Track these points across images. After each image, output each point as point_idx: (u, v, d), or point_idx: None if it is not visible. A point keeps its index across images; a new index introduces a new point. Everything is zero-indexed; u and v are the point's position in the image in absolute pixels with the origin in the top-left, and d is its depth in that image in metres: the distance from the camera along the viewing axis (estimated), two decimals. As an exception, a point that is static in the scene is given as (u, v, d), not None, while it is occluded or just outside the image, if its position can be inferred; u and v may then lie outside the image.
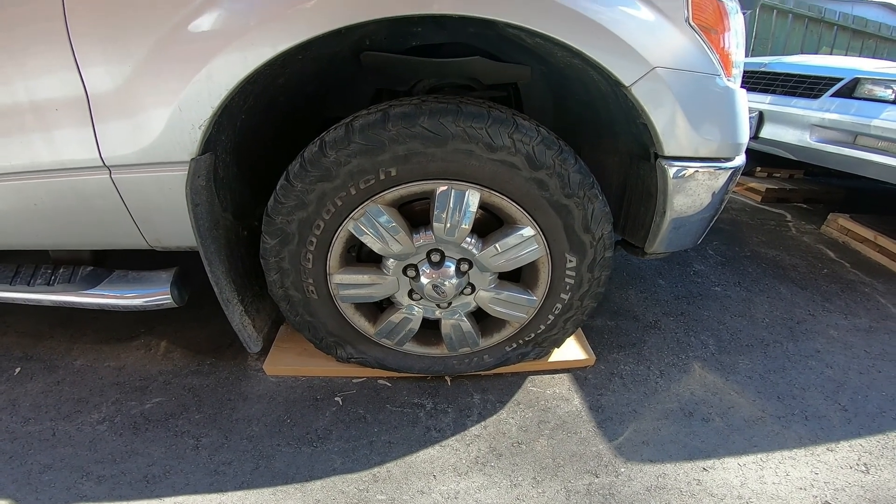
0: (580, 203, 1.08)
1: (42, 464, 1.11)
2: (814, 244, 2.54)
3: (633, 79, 0.99)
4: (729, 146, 1.13)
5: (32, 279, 1.29)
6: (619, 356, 1.53)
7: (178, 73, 0.93)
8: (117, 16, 0.93)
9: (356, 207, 1.05)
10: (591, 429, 1.25)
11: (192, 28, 0.91)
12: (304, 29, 0.90)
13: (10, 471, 1.09)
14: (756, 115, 2.89)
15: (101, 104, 0.97)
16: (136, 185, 1.05)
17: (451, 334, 1.26)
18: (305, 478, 1.09)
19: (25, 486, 1.06)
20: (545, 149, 1.02)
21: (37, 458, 1.12)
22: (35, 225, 1.16)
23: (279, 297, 1.20)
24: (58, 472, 1.09)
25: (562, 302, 1.22)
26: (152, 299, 1.23)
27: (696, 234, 1.26)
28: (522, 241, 1.11)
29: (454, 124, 0.98)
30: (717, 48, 1.04)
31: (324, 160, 1.00)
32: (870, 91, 2.44)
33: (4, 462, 1.11)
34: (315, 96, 1.39)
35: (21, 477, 1.08)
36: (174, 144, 0.98)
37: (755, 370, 1.51)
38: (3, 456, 1.13)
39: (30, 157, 1.04)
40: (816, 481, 1.14)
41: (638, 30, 0.97)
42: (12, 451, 1.14)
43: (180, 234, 1.11)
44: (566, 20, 0.93)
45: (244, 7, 0.90)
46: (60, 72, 0.96)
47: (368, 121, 0.99)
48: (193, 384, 1.36)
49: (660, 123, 1.04)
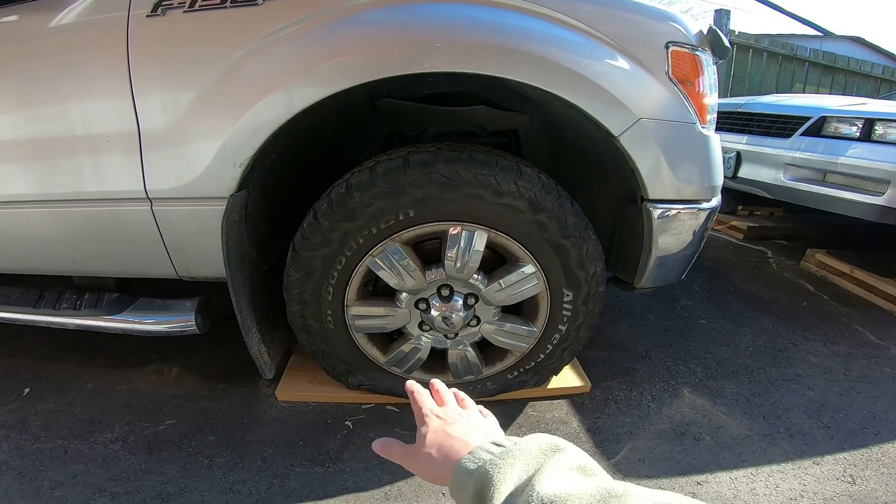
0: (576, 243, 1.17)
1: (53, 480, 1.12)
2: (793, 278, 2.65)
3: (622, 129, 1.09)
4: (707, 188, 1.24)
5: (58, 303, 1.34)
6: (613, 383, 1.61)
7: (227, 114, 1.02)
8: (176, 54, 1.02)
9: (376, 245, 1.13)
10: (589, 448, 1.32)
11: (244, 71, 1.01)
12: (341, 79, 1.00)
13: (20, 486, 1.10)
14: (734, 156, 2.98)
15: (151, 139, 1.06)
16: (175, 218, 1.13)
17: (458, 363, 1.33)
18: (319, 496, 1.12)
19: (36, 501, 1.06)
20: (545, 194, 1.12)
21: (48, 475, 1.13)
22: (71, 251, 1.22)
23: (298, 326, 1.27)
24: (70, 489, 1.10)
25: (560, 333, 1.30)
26: (176, 326, 1.30)
27: (679, 270, 1.36)
28: (524, 277, 1.20)
29: (467, 171, 1.08)
30: (693, 98, 1.14)
31: (349, 201, 1.09)
32: (836, 129, 2.50)
33: (14, 478, 1.12)
34: (332, 138, 1.49)
35: (31, 493, 1.08)
36: (216, 181, 1.07)
37: (741, 393, 1.59)
38: (12, 472, 1.14)
39: (76, 185, 1.11)
40: (805, 492, 1.20)
41: (625, 84, 1.08)
42: (22, 468, 1.15)
43: (209, 265, 1.19)
44: (563, 77, 1.04)
45: (291, 55, 1.01)
46: (117, 105, 1.04)
47: (391, 166, 1.09)
48: (206, 408, 1.40)
49: (645, 169, 1.14)
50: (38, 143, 1.11)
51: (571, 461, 0.40)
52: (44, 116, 1.10)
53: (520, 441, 0.43)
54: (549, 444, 0.41)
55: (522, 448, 0.41)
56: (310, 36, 1.02)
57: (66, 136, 1.08)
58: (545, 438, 0.42)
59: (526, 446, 0.41)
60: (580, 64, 1.05)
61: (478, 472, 0.40)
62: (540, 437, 0.43)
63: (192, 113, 1.04)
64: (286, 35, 1.01)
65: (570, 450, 0.41)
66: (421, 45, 1.02)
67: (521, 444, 0.42)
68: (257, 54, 1.01)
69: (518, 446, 0.42)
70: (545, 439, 0.42)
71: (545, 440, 0.42)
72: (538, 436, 0.43)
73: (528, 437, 0.43)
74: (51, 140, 1.10)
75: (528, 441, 0.42)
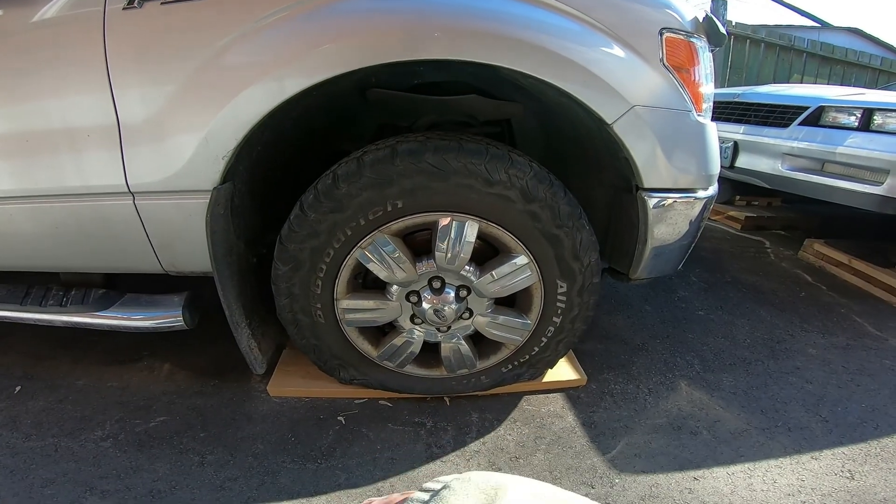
0: (569, 233, 1.16)
1: (44, 478, 1.11)
2: (791, 269, 2.65)
3: (615, 117, 1.08)
4: (703, 177, 1.22)
5: (44, 300, 1.32)
6: (609, 376, 1.60)
7: (208, 106, 1.01)
8: (154, 46, 1.00)
9: (364, 237, 1.12)
10: (585, 443, 1.31)
11: (224, 63, 0.99)
12: (326, 69, 0.98)
13: (11, 485, 1.09)
14: (731, 145, 2.98)
15: (131, 132, 1.04)
16: (158, 212, 1.11)
17: (451, 357, 1.32)
18: (311, 493, 1.12)
19: (27, 499, 1.06)
20: (538, 183, 1.11)
21: (39, 473, 1.12)
22: (55, 247, 1.20)
23: (288, 320, 1.26)
24: (60, 487, 1.09)
25: (554, 325, 1.29)
26: (164, 322, 1.28)
27: (676, 261, 1.35)
28: (517, 268, 1.18)
29: (456, 160, 1.06)
30: (688, 86, 1.13)
31: (336, 192, 1.07)
32: (834, 118, 2.50)
33: (5, 476, 1.11)
34: (321, 129, 1.47)
35: (22, 491, 1.08)
36: (198, 174, 1.05)
37: (738, 386, 1.58)
38: (4, 470, 1.13)
39: (57, 180, 1.09)
40: (803, 488, 1.19)
41: (619, 71, 1.06)
42: (13, 466, 1.14)
43: (195, 259, 1.17)
44: (554, 63, 1.03)
45: (272, 45, 0.99)
46: (96, 98, 1.02)
47: (378, 156, 1.07)
48: (198, 404, 1.38)
49: (640, 158, 1.13)
50: (18, 138, 1.09)
51: (519, 494, 0.35)
52: (22, 112, 1.08)
53: (453, 483, 0.38)
54: (489, 480, 0.37)
55: (457, 490, 0.36)
56: (291, 25, 0.99)
57: (46, 131, 1.07)
58: (485, 475, 0.38)
59: (461, 488, 0.37)
60: (573, 51, 1.03)
61: None
62: (479, 474, 0.38)
63: (172, 105, 1.02)
64: (267, 25, 0.99)
65: (514, 482, 0.37)
66: (410, 31, 1.00)
67: (453, 488, 0.37)
68: (237, 45, 0.99)
69: (451, 490, 0.37)
70: (485, 476, 0.38)
71: (485, 476, 0.38)
72: (477, 473, 0.39)
73: (464, 476, 0.39)
74: (30, 135, 1.08)
75: (462, 482, 0.38)
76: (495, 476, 0.38)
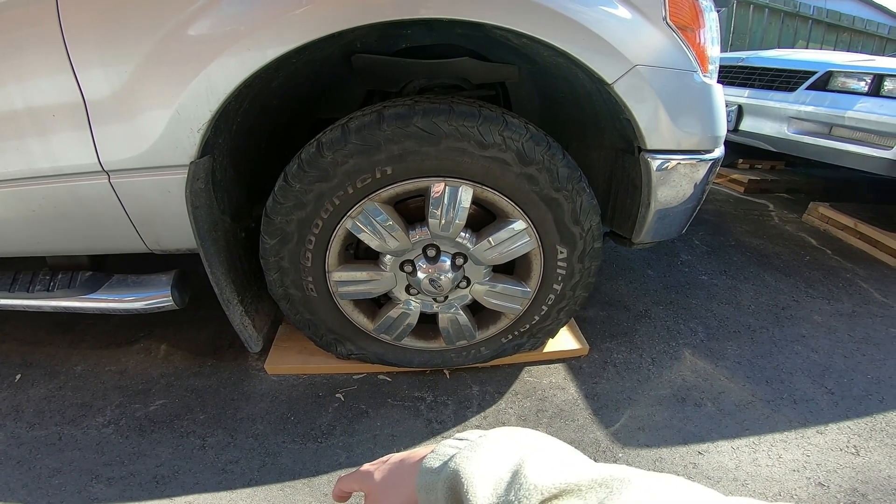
0: (569, 196, 1.12)
1: (51, 468, 1.11)
2: (796, 233, 2.61)
3: (615, 76, 1.03)
4: (708, 139, 1.18)
5: (31, 285, 1.29)
6: (611, 345, 1.57)
7: (176, 78, 0.95)
8: (113, 19, 0.94)
9: (353, 206, 1.08)
10: (587, 416, 1.29)
11: (191, 32, 0.93)
12: (301, 33, 0.92)
13: (20, 476, 1.10)
14: (735, 109, 2.96)
15: (98, 109, 0.99)
16: (135, 190, 1.06)
17: (449, 328, 1.29)
18: (312, 473, 1.11)
19: (36, 490, 1.06)
20: (534, 145, 1.06)
21: (45, 463, 1.13)
22: (34, 231, 1.17)
23: (279, 296, 1.23)
24: (67, 476, 1.10)
25: (554, 293, 1.26)
26: (153, 302, 1.24)
27: (680, 224, 1.31)
28: (514, 234, 1.15)
29: (447, 123, 1.01)
30: (693, 45, 1.08)
31: (321, 161, 1.03)
32: (843, 83, 2.52)
33: (13, 467, 1.12)
34: (307, 98, 1.41)
35: (31, 482, 1.08)
36: (173, 148, 1.00)
37: (743, 356, 1.56)
38: (10, 461, 1.13)
39: (27, 163, 1.05)
40: (808, 463, 1.17)
41: (618, 29, 1.01)
42: (20, 457, 1.15)
43: (179, 236, 1.13)
44: (550, 21, 0.97)
45: (242, 11, 0.93)
46: (56, 77, 0.97)
47: (364, 122, 1.02)
48: (196, 385, 1.37)
49: (642, 118, 1.08)
50: None
51: (555, 450, 0.35)
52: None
53: (487, 433, 0.38)
54: (524, 435, 0.37)
55: (492, 438, 0.36)
56: None
57: (8, 113, 1.01)
58: (517, 430, 0.38)
59: (496, 436, 0.36)
60: (569, 8, 0.97)
61: (446, 470, 0.35)
62: (511, 429, 0.38)
63: (138, 79, 0.96)
64: None
65: (548, 439, 0.36)
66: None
67: (489, 435, 0.37)
68: (205, 10, 0.92)
69: (487, 437, 0.37)
70: (517, 430, 0.38)
71: (518, 431, 0.38)
72: (508, 428, 0.39)
73: (495, 430, 0.38)
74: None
75: (496, 432, 0.37)
76: (532, 432, 0.38)
